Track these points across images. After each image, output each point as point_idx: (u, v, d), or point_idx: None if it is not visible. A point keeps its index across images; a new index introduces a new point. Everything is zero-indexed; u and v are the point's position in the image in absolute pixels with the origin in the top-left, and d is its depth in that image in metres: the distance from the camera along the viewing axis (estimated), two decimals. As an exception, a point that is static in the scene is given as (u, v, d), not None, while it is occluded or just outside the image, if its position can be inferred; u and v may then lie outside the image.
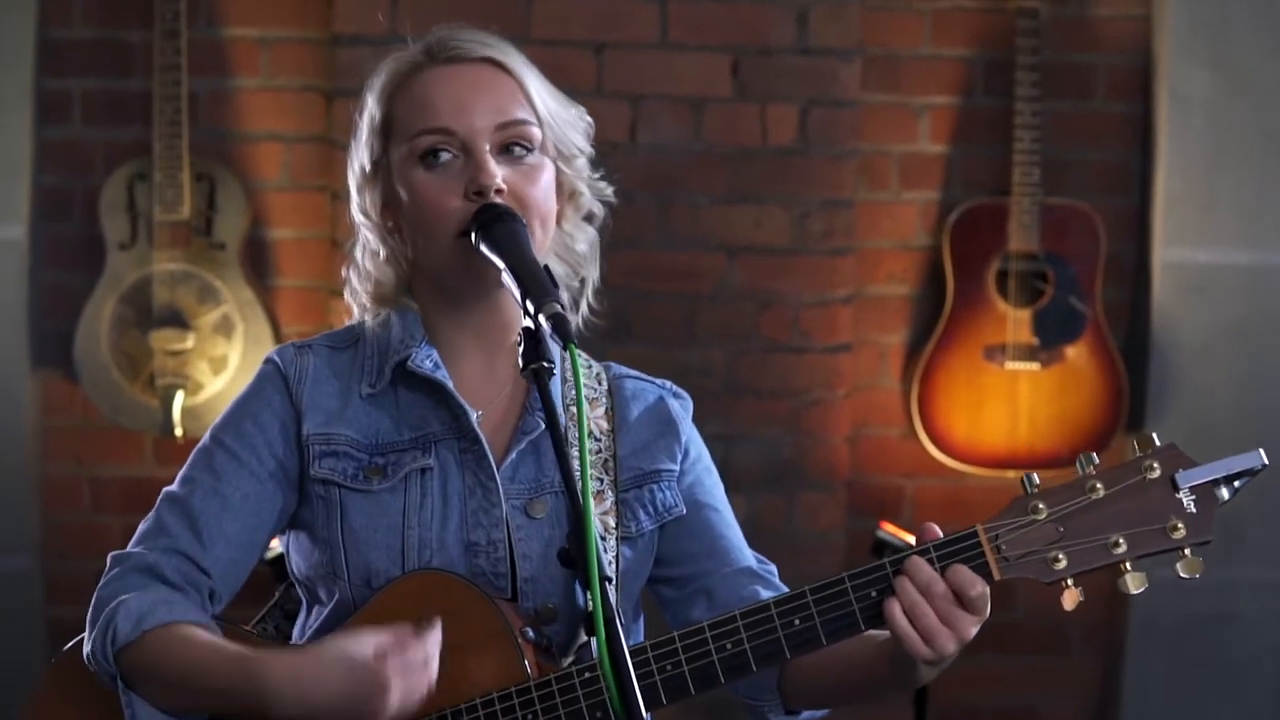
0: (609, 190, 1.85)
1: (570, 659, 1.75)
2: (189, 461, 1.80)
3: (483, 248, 1.69)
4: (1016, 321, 3.66)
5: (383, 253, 1.80)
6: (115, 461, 3.66)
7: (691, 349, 3.54)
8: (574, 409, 1.79)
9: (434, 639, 1.62)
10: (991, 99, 3.72)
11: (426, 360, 1.77)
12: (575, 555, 1.56)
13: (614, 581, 1.72)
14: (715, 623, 1.66)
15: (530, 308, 1.61)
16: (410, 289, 1.82)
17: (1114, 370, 3.69)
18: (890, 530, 3.38)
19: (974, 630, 1.63)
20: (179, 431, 3.48)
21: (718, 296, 3.56)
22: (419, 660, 1.60)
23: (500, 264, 1.67)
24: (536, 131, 1.76)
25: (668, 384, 1.90)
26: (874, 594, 1.63)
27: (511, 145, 1.75)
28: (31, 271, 3.61)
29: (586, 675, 1.66)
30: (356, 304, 1.84)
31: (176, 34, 3.46)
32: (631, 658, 1.60)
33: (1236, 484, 1.61)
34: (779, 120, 3.53)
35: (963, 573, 1.62)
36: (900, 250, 3.77)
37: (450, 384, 1.77)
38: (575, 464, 1.58)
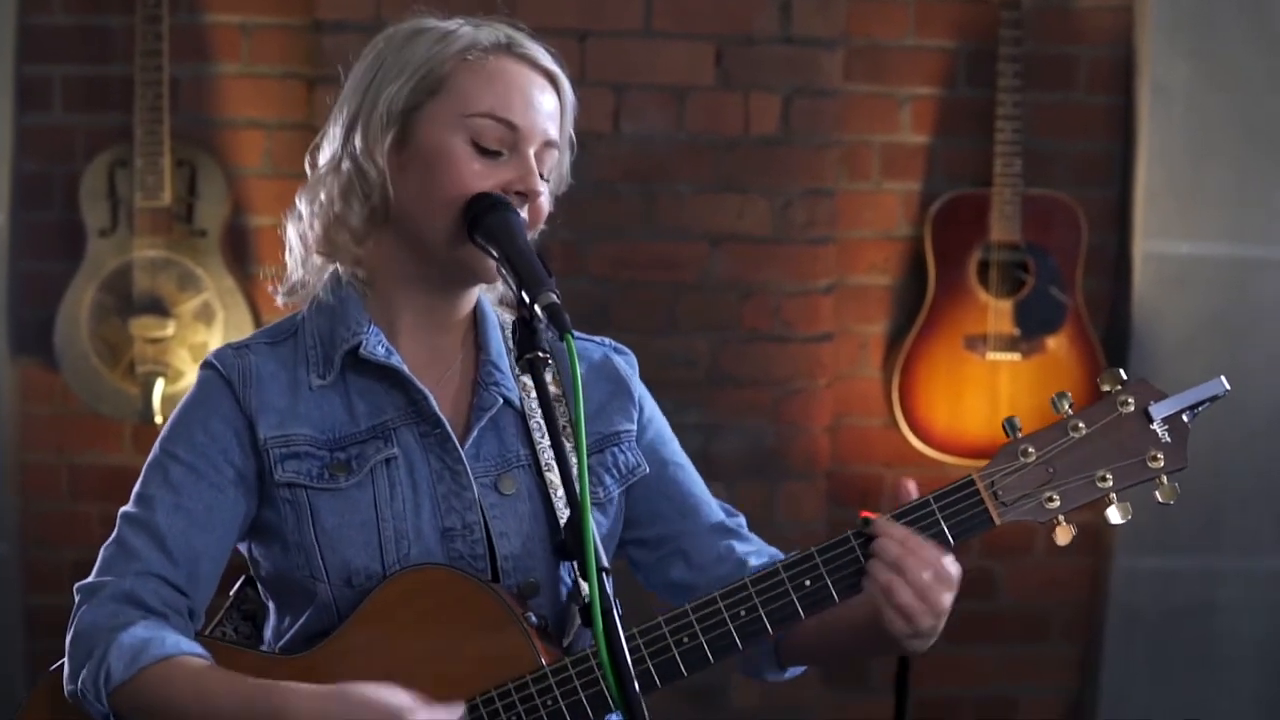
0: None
1: (569, 639, 1.77)
2: (142, 478, 1.76)
3: (477, 237, 1.69)
4: (998, 312, 3.67)
5: (359, 196, 1.75)
6: (95, 449, 3.65)
7: (674, 338, 3.54)
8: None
9: (459, 712, 1.63)
10: (974, 90, 3.72)
11: (378, 346, 1.76)
12: (572, 548, 1.57)
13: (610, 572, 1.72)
14: (727, 592, 1.68)
15: (526, 298, 1.61)
16: (362, 242, 1.77)
17: (1095, 361, 3.70)
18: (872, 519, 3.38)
19: (949, 601, 1.65)
20: (159, 419, 3.47)
21: (700, 286, 3.56)
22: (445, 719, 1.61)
23: (495, 253, 1.67)
24: (558, 155, 1.79)
25: (608, 340, 1.91)
26: (844, 566, 1.67)
27: (543, 162, 1.76)
28: (11, 258, 3.59)
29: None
30: (298, 234, 1.79)
31: (158, 19, 3.45)
32: (644, 635, 1.65)
33: (1199, 410, 1.68)
34: (762, 110, 3.53)
35: (929, 550, 1.64)
36: (882, 240, 3.77)
37: (406, 368, 1.76)
38: (549, 450, 1.59)
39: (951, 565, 1.65)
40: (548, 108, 1.76)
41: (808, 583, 1.67)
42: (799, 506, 3.61)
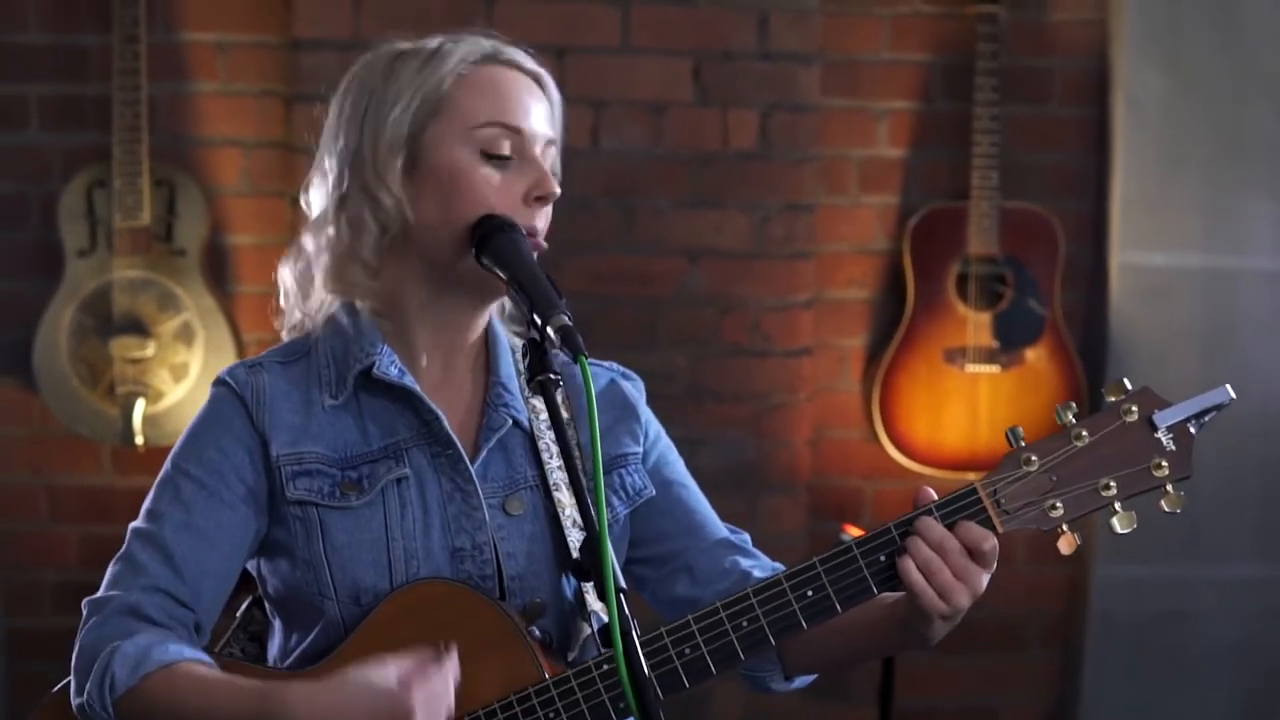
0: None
1: (574, 654, 1.77)
2: (153, 495, 1.76)
3: (485, 260, 1.69)
4: (976, 324, 3.69)
5: (372, 228, 1.74)
6: (74, 471, 3.63)
7: (653, 353, 3.55)
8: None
9: (452, 665, 1.61)
10: (950, 103, 3.74)
11: (391, 367, 1.76)
12: (590, 568, 1.58)
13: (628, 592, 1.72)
14: (729, 602, 1.68)
15: (538, 319, 1.61)
16: (377, 274, 1.77)
17: (1072, 372, 3.71)
18: (853, 533, 3.39)
19: (985, 582, 1.66)
20: (139, 440, 3.46)
21: (679, 301, 3.57)
22: (441, 688, 1.59)
23: (504, 275, 1.67)
24: (555, 152, 1.80)
25: (615, 366, 1.92)
26: (882, 558, 1.66)
27: (546, 160, 1.77)
28: (-12, 279, 3.58)
29: (605, 668, 1.67)
30: (294, 276, 1.79)
31: (135, 39, 3.44)
32: (647, 645, 1.65)
33: (1205, 419, 1.67)
34: (740, 125, 3.54)
35: (973, 529, 1.64)
36: (860, 254, 3.79)
37: (419, 389, 1.76)
38: (558, 471, 1.59)
39: (990, 544, 1.65)
40: (541, 108, 1.78)
41: (845, 576, 1.66)
42: (780, 520, 3.62)
